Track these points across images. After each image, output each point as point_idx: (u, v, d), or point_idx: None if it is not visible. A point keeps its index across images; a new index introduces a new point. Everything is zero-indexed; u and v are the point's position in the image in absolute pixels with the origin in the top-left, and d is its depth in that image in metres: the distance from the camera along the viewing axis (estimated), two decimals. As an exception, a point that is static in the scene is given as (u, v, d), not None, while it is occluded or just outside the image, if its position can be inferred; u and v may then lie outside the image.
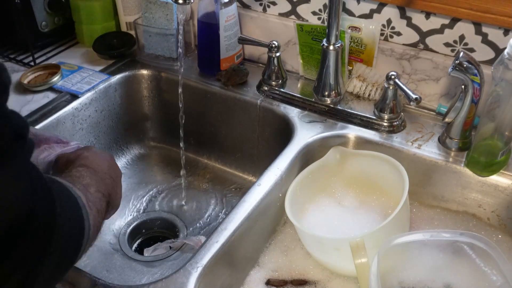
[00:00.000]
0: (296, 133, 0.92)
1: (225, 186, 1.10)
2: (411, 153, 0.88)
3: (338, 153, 0.90)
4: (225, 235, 0.73)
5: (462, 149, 0.87)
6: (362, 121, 0.94)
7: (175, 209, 1.04)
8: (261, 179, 0.82)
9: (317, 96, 0.97)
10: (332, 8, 0.87)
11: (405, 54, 0.96)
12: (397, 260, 0.77)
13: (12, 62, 1.13)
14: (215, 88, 1.06)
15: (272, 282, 0.79)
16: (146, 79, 1.12)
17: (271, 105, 1.00)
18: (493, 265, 0.71)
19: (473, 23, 0.88)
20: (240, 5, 1.09)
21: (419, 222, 0.87)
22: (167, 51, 1.12)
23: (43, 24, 1.15)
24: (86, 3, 1.15)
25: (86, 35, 1.18)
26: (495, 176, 0.84)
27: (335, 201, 0.89)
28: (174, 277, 0.67)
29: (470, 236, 0.72)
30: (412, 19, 0.93)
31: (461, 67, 0.79)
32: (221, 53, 1.05)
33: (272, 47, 0.98)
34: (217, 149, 1.13)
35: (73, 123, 1.00)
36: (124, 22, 1.19)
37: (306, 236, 0.80)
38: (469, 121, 0.85)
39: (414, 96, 0.84)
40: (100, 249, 0.94)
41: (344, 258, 0.72)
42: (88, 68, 1.11)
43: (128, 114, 1.13)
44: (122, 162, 1.13)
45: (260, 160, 1.06)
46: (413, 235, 0.73)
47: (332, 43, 0.91)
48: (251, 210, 0.77)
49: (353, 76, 1.00)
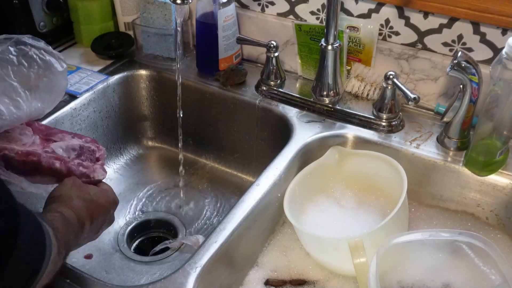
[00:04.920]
0: (295, 133, 0.92)
1: (224, 186, 1.09)
2: (410, 153, 0.88)
3: (337, 153, 0.90)
4: (224, 235, 0.73)
5: (461, 149, 0.87)
6: (361, 121, 0.94)
7: (174, 209, 1.04)
8: (260, 179, 0.82)
9: (315, 96, 0.97)
10: (330, 8, 0.87)
11: (403, 53, 0.96)
12: (396, 260, 0.77)
13: (10, 63, 1.13)
14: (213, 88, 1.06)
15: (271, 282, 0.79)
16: (144, 79, 1.12)
17: (270, 105, 1.00)
18: (492, 264, 0.71)
19: (471, 23, 0.88)
20: (238, 5, 1.09)
21: (417, 222, 0.87)
22: (166, 51, 1.12)
23: (41, 24, 1.15)
24: (84, 4, 1.15)
25: (85, 35, 1.18)
26: (494, 175, 0.84)
27: (334, 201, 0.89)
28: (173, 277, 0.67)
29: (468, 236, 0.73)
30: (410, 18, 0.93)
31: (459, 67, 0.79)
32: (219, 53, 1.05)
33: (271, 47, 0.98)
34: (215, 149, 1.13)
35: (72, 124, 1.00)
36: (123, 22, 1.19)
37: (305, 236, 0.80)
38: (467, 121, 0.85)
39: (413, 95, 0.84)
40: (99, 250, 0.94)
41: (343, 258, 0.72)
42: (86, 68, 1.11)
43: (126, 114, 1.13)
44: (120, 163, 1.13)
45: (259, 160, 1.06)
46: (412, 234, 0.73)
47: (331, 43, 0.91)
48: (250, 210, 0.77)
49: (351, 76, 1.00)
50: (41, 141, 0.77)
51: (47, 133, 0.79)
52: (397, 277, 0.77)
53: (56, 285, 0.66)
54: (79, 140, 0.80)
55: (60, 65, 0.79)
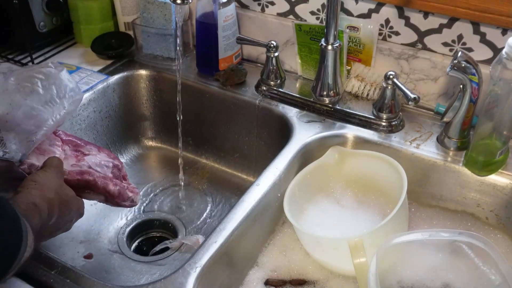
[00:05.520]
0: (295, 133, 0.92)
1: (224, 186, 1.09)
2: (410, 153, 0.88)
3: (337, 153, 0.90)
4: (224, 235, 0.73)
5: (461, 149, 0.87)
6: (361, 121, 0.94)
7: (174, 209, 1.04)
8: (260, 179, 0.82)
9: (315, 96, 0.97)
10: (331, 8, 0.87)
11: (403, 53, 0.96)
12: (396, 260, 0.77)
13: (10, 63, 1.13)
14: (213, 88, 1.06)
15: (271, 282, 0.79)
16: (144, 79, 1.12)
17: (270, 105, 1.00)
18: (492, 264, 0.71)
19: (471, 23, 0.88)
20: (238, 5, 1.09)
21: (417, 222, 0.87)
22: (166, 51, 1.12)
23: (41, 24, 1.15)
24: (84, 3, 1.15)
25: (84, 35, 1.18)
26: (494, 175, 0.84)
27: (334, 201, 0.89)
28: (173, 277, 0.67)
29: (468, 236, 0.72)
30: (410, 18, 0.93)
31: (459, 67, 0.79)
32: (219, 53, 1.05)
33: (271, 47, 0.98)
34: (215, 149, 1.13)
35: (72, 124, 1.00)
36: (123, 22, 1.19)
37: (305, 236, 0.80)
38: (467, 121, 0.85)
39: (413, 95, 0.84)
40: (99, 250, 0.94)
41: (343, 257, 0.72)
42: (86, 68, 1.11)
43: (126, 114, 1.13)
44: (120, 163, 1.13)
45: (259, 160, 1.06)
46: (412, 234, 0.73)
47: (331, 43, 0.91)
48: (249, 210, 0.77)
49: (351, 76, 1.00)
50: (73, 153, 0.78)
51: (75, 144, 0.80)
52: (397, 277, 0.77)
53: (56, 285, 0.66)
54: (105, 154, 0.83)
55: (56, 69, 0.79)
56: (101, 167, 0.79)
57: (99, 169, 0.78)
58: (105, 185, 0.75)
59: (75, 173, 0.73)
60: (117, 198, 0.77)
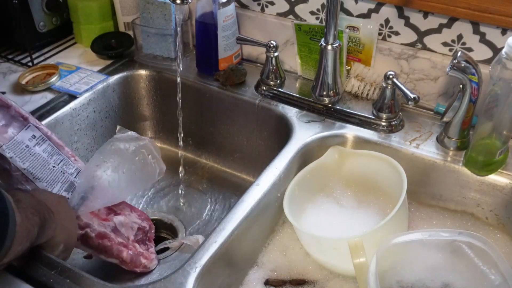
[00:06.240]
0: (295, 133, 0.92)
1: (224, 186, 1.09)
2: (410, 153, 0.88)
3: (337, 153, 0.90)
4: (224, 235, 0.73)
5: (460, 149, 0.87)
6: (361, 121, 0.94)
7: (174, 209, 1.04)
8: (260, 179, 0.82)
9: (315, 95, 0.97)
10: (330, 7, 0.87)
11: (403, 53, 0.96)
12: (395, 260, 0.77)
13: (10, 63, 1.13)
14: (213, 88, 1.06)
15: (271, 282, 0.79)
16: (144, 79, 1.12)
17: (270, 105, 1.00)
18: (492, 264, 0.71)
19: (471, 23, 0.88)
20: (238, 5, 1.09)
21: (417, 222, 0.87)
22: (165, 51, 1.12)
23: (41, 24, 1.15)
24: (84, 3, 1.15)
25: (84, 35, 1.18)
26: (493, 175, 0.84)
27: (334, 201, 0.89)
28: (172, 277, 0.67)
29: (468, 235, 0.73)
30: (410, 18, 0.93)
31: (459, 67, 0.79)
32: (219, 53, 1.05)
33: (270, 47, 0.98)
34: (215, 149, 1.13)
35: (71, 124, 1.00)
36: (122, 22, 1.19)
37: (305, 236, 0.80)
38: (467, 121, 0.85)
39: (412, 95, 0.84)
40: (99, 250, 0.94)
41: (343, 257, 0.72)
42: (86, 68, 1.11)
43: (126, 115, 1.13)
44: (120, 163, 1.13)
45: (259, 160, 1.06)
46: (412, 234, 0.73)
47: (330, 42, 0.91)
48: (249, 210, 0.77)
49: (351, 76, 1.00)
50: (105, 210, 0.82)
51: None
52: (397, 277, 0.77)
53: (56, 285, 0.66)
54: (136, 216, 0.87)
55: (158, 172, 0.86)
56: (126, 228, 0.83)
57: (124, 229, 0.83)
58: (119, 252, 0.79)
59: (100, 236, 0.77)
60: (129, 264, 0.81)
